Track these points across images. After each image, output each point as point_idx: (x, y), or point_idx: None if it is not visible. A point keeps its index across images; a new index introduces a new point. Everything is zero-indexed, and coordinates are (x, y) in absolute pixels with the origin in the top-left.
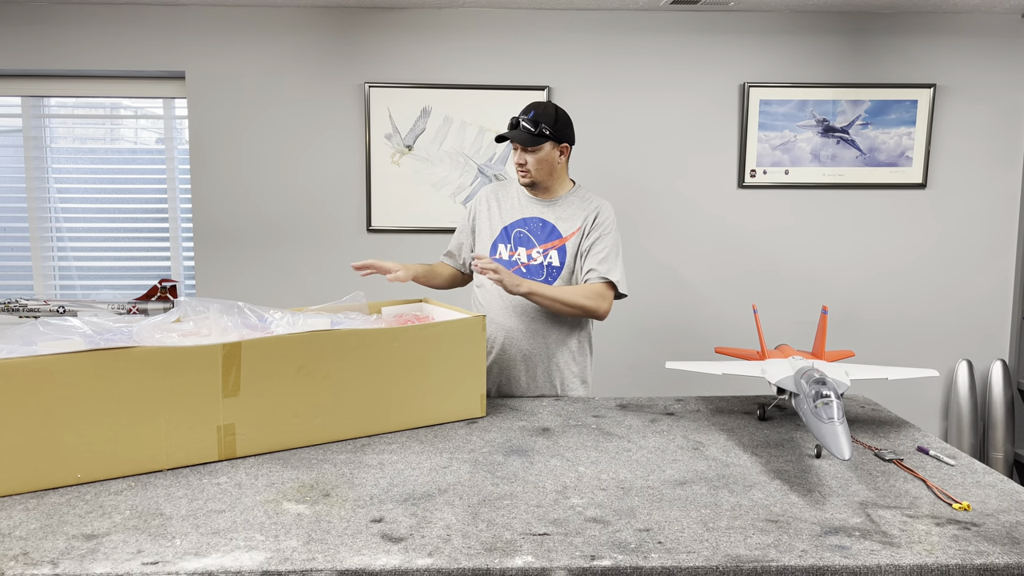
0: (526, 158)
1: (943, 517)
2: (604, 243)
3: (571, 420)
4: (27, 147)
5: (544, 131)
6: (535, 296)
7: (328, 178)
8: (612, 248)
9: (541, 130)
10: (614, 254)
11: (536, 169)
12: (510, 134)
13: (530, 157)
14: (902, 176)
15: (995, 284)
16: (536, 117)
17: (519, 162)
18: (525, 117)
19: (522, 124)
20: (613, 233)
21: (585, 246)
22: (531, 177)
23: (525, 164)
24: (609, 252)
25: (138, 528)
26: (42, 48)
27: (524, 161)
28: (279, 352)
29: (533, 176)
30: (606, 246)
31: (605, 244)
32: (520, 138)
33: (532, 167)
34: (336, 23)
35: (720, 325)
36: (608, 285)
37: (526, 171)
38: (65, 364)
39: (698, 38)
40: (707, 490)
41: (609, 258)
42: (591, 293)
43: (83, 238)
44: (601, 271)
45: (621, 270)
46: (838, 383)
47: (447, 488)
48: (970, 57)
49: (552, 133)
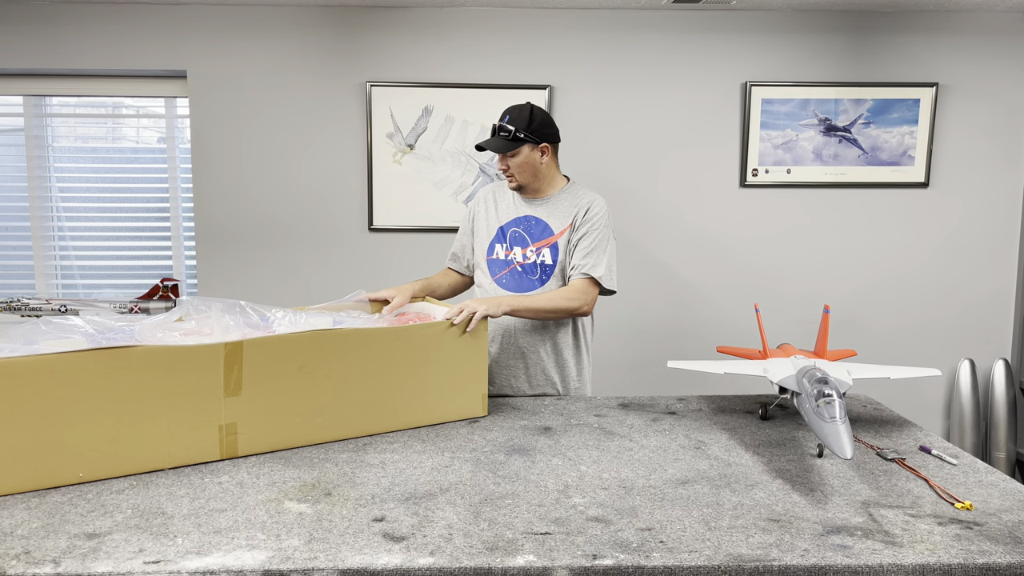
0: (507, 163)
1: (945, 516)
2: (590, 238)
3: (573, 419)
4: (29, 146)
5: (519, 135)
6: (517, 312)
7: (330, 177)
8: (599, 243)
9: (515, 134)
10: (600, 249)
11: (519, 173)
12: (486, 143)
13: (511, 162)
14: (904, 175)
15: (997, 283)
16: (511, 121)
17: (501, 167)
18: (501, 123)
19: (499, 130)
20: (601, 229)
21: (573, 241)
22: (516, 181)
23: (508, 169)
24: (595, 247)
25: (140, 527)
26: (44, 47)
27: (506, 167)
28: (281, 351)
29: (518, 180)
30: (592, 241)
31: (591, 239)
32: (495, 145)
33: (515, 171)
34: (338, 22)
35: (722, 324)
36: (591, 281)
37: (511, 176)
38: (67, 363)
39: (700, 37)
40: (709, 489)
41: (594, 253)
42: (571, 292)
43: (85, 237)
44: (584, 267)
45: (606, 265)
46: (840, 382)
47: (449, 487)
48: (973, 56)
49: (527, 135)
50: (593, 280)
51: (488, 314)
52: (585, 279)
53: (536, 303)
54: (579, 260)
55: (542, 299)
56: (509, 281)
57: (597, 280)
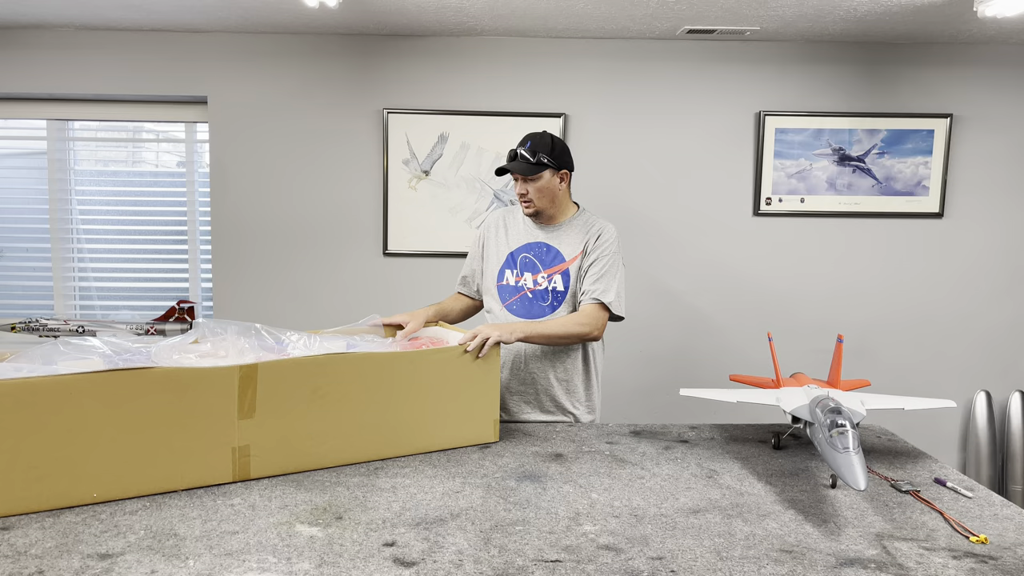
0: (527, 188)
1: (960, 550)
2: (600, 264)
3: (584, 446)
4: (51, 169)
5: (542, 160)
6: (530, 339)
7: (345, 202)
8: (608, 269)
9: (539, 159)
10: (610, 275)
11: (538, 198)
12: (509, 166)
13: (531, 186)
14: (919, 205)
15: (1013, 315)
16: (533, 147)
17: (520, 192)
18: (523, 148)
19: (520, 155)
20: (611, 255)
21: (584, 268)
22: (534, 207)
23: (527, 194)
24: (605, 273)
25: (152, 548)
26: (68, 73)
27: (525, 191)
28: (295, 374)
29: (536, 205)
30: (602, 267)
31: (602, 265)
32: (520, 168)
33: (534, 196)
34: (355, 50)
35: (735, 353)
36: (601, 306)
37: (528, 201)
38: (84, 384)
39: (714, 67)
40: (721, 519)
41: (604, 279)
42: (582, 318)
43: (104, 259)
44: (594, 293)
45: (616, 291)
46: (854, 412)
47: (459, 513)
48: (987, 88)
49: (550, 161)
50: (603, 305)
51: (501, 340)
52: (595, 304)
53: (548, 329)
54: (590, 285)
55: (554, 325)
56: (520, 308)
57: (607, 305)
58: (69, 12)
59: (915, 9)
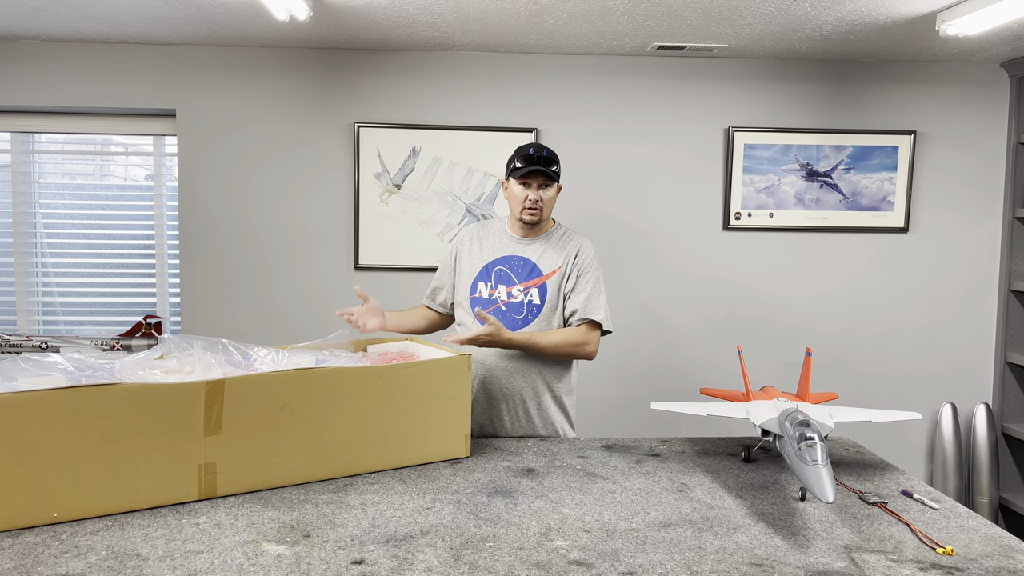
0: (540, 195)
1: (927, 562)
2: (585, 282)
3: (556, 461)
4: (15, 182)
5: (555, 171)
6: (522, 345)
7: (316, 216)
8: (594, 287)
9: (554, 170)
10: (596, 292)
11: (547, 207)
12: (540, 168)
13: (546, 194)
14: (884, 220)
15: (977, 327)
16: (549, 156)
17: (534, 199)
18: (541, 155)
19: (542, 159)
20: (594, 271)
21: (568, 287)
22: (540, 215)
23: (539, 201)
24: (592, 291)
25: (113, 569)
26: (33, 85)
27: (539, 198)
28: (262, 390)
29: (543, 214)
30: (587, 285)
31: (587, 283)
32: (548, 175)
33: (545, 205)
34: (326, 64)
35: (705, 366)
36: (593, 325)
37: (536, 209)
38: (44, 401)
39: (684, 83)
40: (692, 532)
41: (592, 297)
42: (580, 337)
43: (69, 273)
44: (585, 312)
45: (604, 307)
46: (822, 425)
47: (429, 529)
48: (950, 105)
49: (557, 174)
50: (595, 323)
51: (492, 340)
52: (588, 324)
53: (545, 342)
54: (578, 305)
55: (550, 338)
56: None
57: (599, 323)
58: (35, 24)
59: (879, 28)
